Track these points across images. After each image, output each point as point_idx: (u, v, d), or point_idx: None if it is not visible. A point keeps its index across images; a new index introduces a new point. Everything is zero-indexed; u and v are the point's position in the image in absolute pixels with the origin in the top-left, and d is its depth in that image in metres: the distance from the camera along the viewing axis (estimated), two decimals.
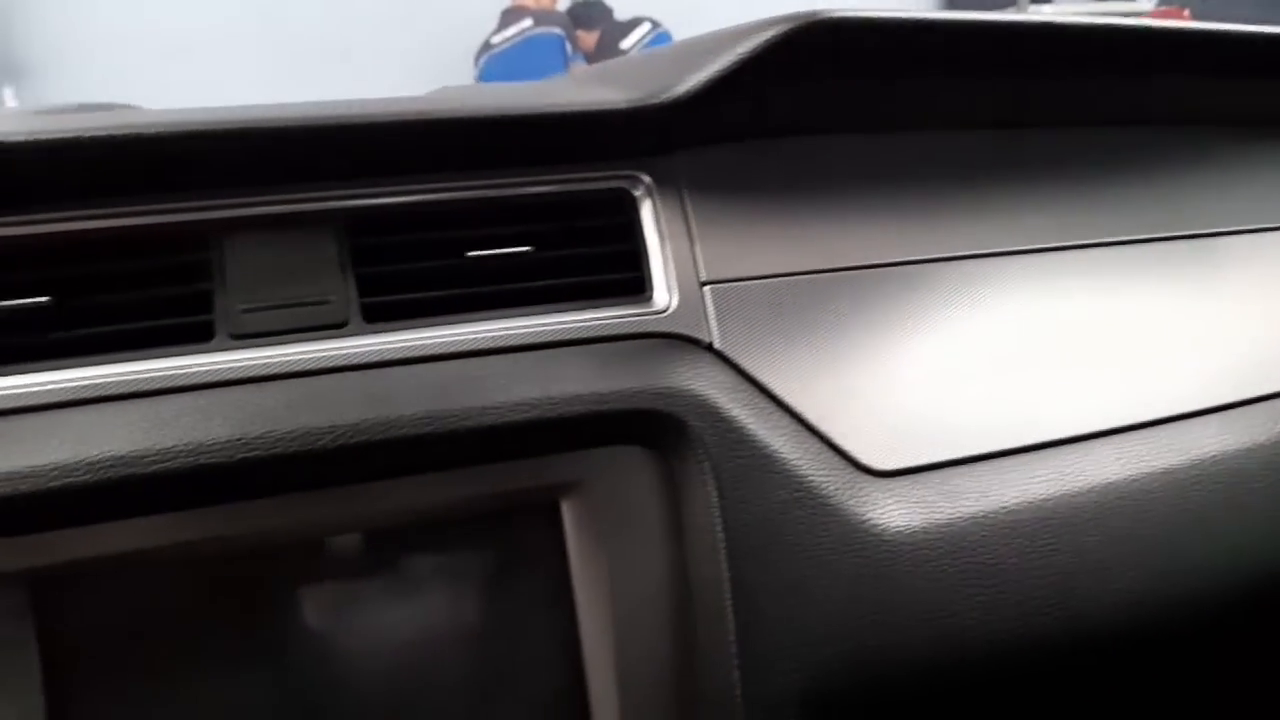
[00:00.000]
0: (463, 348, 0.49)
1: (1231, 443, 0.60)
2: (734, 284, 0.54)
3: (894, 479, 0.53)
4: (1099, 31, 0.58)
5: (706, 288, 0.54)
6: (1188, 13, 3.66)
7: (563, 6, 3.89)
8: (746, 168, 0.57)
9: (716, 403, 0.50)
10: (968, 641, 0.51)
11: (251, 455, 0.44)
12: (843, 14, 0.51)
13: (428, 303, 0.50)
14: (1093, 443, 0.57)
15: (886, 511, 0.51)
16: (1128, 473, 0.56)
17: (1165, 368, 0.62)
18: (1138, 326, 0.63)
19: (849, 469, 0.52)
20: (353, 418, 0.45)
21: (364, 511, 0.47)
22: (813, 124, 0.59)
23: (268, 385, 0.46)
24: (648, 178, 0.54)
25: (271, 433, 0.44)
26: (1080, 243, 0.63)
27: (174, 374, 0.46)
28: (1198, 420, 0.60)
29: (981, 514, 0.53)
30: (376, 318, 0.49)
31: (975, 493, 0.53)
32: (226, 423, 0.44)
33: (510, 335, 0.50)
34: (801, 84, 0.56)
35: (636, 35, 3.84)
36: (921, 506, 0.52)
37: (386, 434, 0.45)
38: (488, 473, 0.48)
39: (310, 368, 0.47)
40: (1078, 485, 0.55)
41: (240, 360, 0.46)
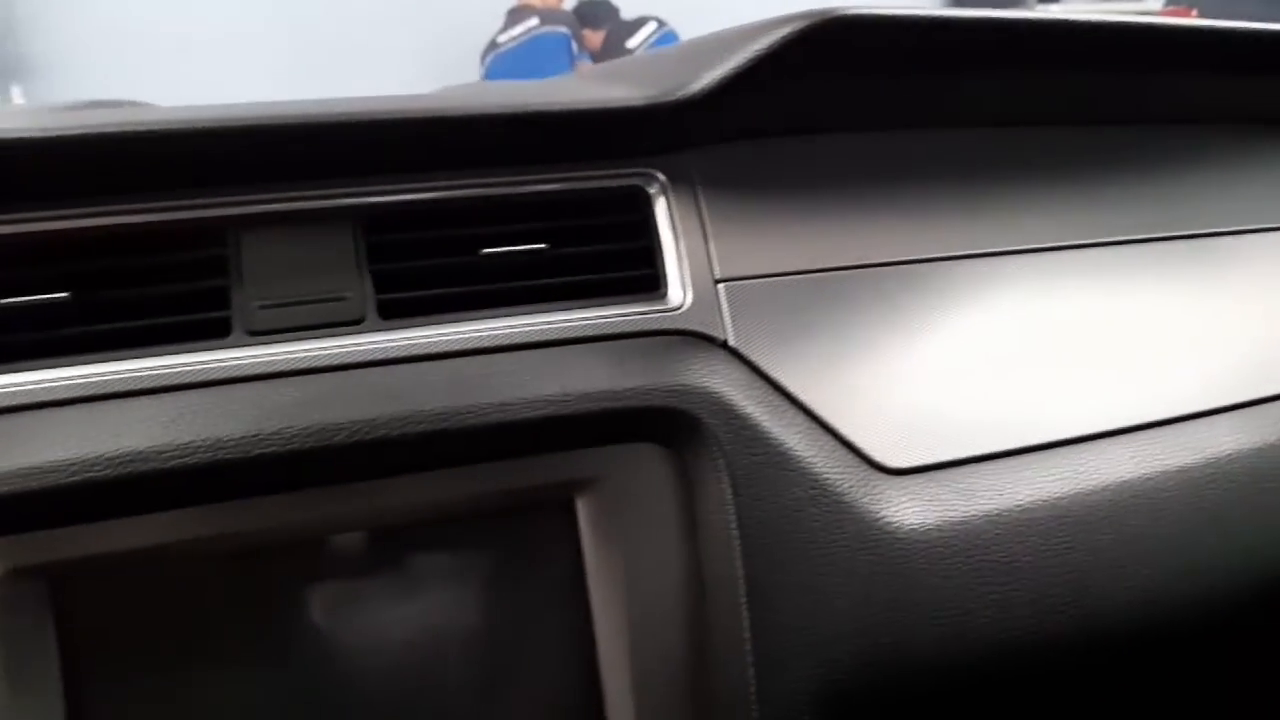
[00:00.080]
0: (478, 344, 0.49)
1: (1246, 442, 0.60)
2: (748, 281, 0.54)
3: (908, 477, 0.53)
4: (1115, 29, 0.58)
5: (721, 285, 0.54)
6: (1195, 12, 3.65)
7: (569, 5, 3.89)
8: (760, 165, 0.57)
9: (731, 400, 0.50)
10: (982, 640, 0.51)
11: (268, 451, 0.44)
12: (858, 11, 0.50)
13: (443, 299, 0.50)
14: (1107, 441, 0.57)
15: (901, 509, 0.51)
16: (1142, 471, 0.56)
17: (1178, 367, 0.62)
18: (1150, 325, 0.62)
19: (863, 467, 0.52)
20: (369, 414, 0.45)
21: (379, 508, 0.47)
22: (826, 122, 0.59)
23: (284, 381, 0.46)
24: (662, 175, 0.54)
25: (288, 428, 0.44)
26: (1093, 241, 0.63)
27: (191, 370, 0.46)
28: (1211, 419, 0.60)
29: (996, 512, 0.53)
30: (392, 314, 0.49)
31: (989, 491, 0.53)
32: (243, 419, 0.44)
33: (525, 332, 0.50)
34: (816, 81, 0.56)
35: (643, 34, 3.84)
36: (936, 504, 0.52)
37: (402, 430, 0.45)
38: (503, 469, 0.48)
39: (326, 364, 0.47)
40: (1092, 484, 0.55)
41: (257, 356, 0.47)
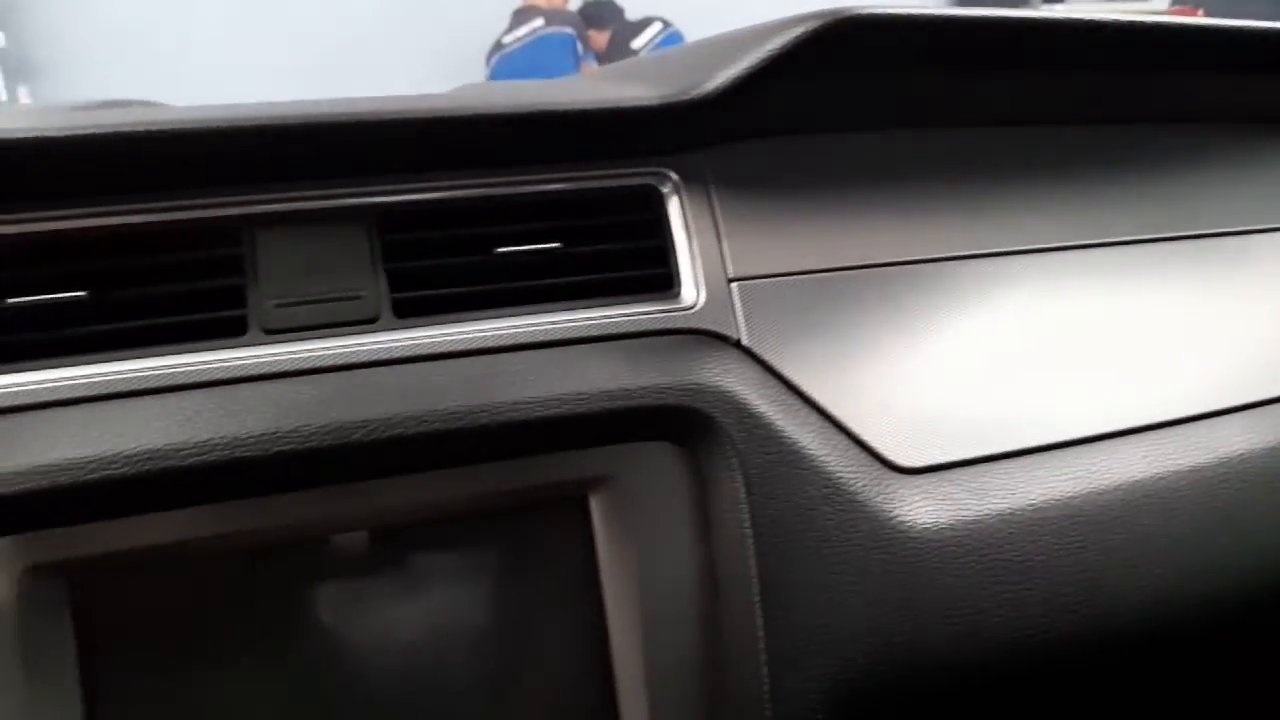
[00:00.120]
0: (493, 343, 0.49)
1: (1257, 441, 0.60)
2: (761, 280, 0.54)
3: (921, 476, 0.53)
4: (1124, 28, 0.58)
5: (734, 284, 0.54)
6: (1201, 11, 3.64)
7: (574, 6, 3.89)
8: (773, 165, 0.57)
9: (744, 399, 0.50)
10: (995, 639, 0.51)
11: (285, 449, 0.44)
12: (871, 11, 0.50)
13: (458, 298, 0.50)
14: (1119, 441, 0.57)
15: (914, 508, 0.51)
16: (1155, 471, 0.56)
17: (1188, 366, 0.62)
18: (1161, 325, 0.62)
19: (876, 466, 0.52)
20: (385, 412, 0.45)
21: (394, 506, 0.47)
22: (839, 121, 0.59)
23: (300, 380, 0.46)
24: (675, 174, 0.55)
25: (305, 426, 0.44)
26: (1103, 241, 0.63)
27: (208, 368, 0.46)
28: (1223, 419, 0.60)
29: (1008, 511, 0.53)
30: (407, 313, 0.49)
31: (1002, 490, 0.53)
32: (260, 417, 0.44)
33: (539, 331, 0.50)
34: (828, 81, 0.56)
35: (648, 35, 3.84)
36: (949, 504, 0.52)
37: (419, 428, 0.45)
38: (517, 467, 0.48)
39: (342, 362, 0.47)
40: (1105, 483, 0.55)
41: (273, 355, 0.47)
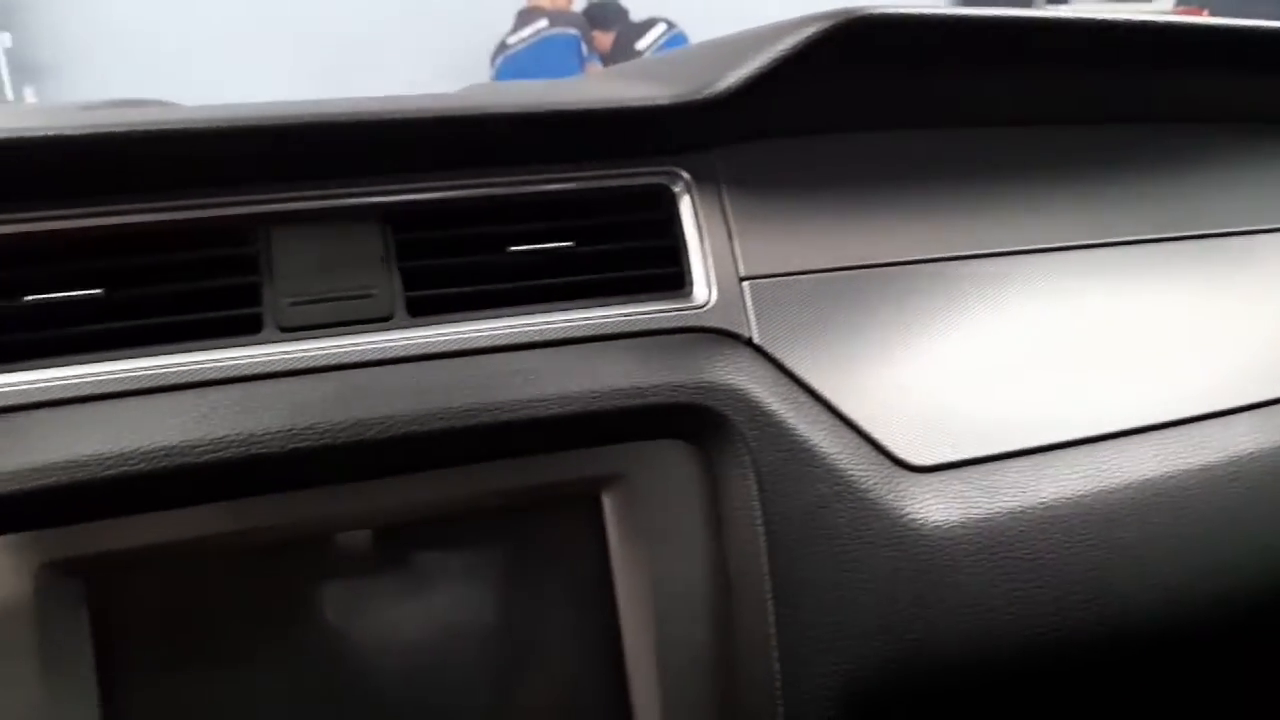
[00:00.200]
0: (506, 341, 0.50)
1: (1266, 441, 0.60)
2: (772, 279, 0.54)
3: (932, 474, 0.53)
4: (1133, 28, 0.58)
5: (745, 283, 0.54)
6: (1206, 12, 3.64)
7: (578, 7, 3.90)
8: (784, 164, 0.57)
9: (756, 397, 0.50)
10: (1006, 636, 0.52)
11: (301, 446, 0.44)
12: (883, 11, 0.51)
13: (471, 297, 0.50)
14: (1129, 439, 0.57)
15: (925, 506, 0.52)
16: (1165, 470, 0.56)
17: (1198, 366, 0.62)
18: (1172, 324, 0.62)
19: (887, 464, 0.52)
20: (400, 410, 0.45)
21: (409, 503, 0.48)
22: (850, 121, 0.59)
23: (316, 377, 0.47)
24: (686, 174, 0.55)
25: (320, 424, 0.44)
26: (1113, 240, 0.63)
27: (223, 366, 0.46)
28: (1232, 418, 0.60)
29: (1019, 509, 0.53)
30: (421, 311, 0.50)
31: (1013, 488, 0.53)
32: (276, 414, 0.44)
33: (552, 329, 0.50)
34: (839, 81, 0.56)
35: (652, 36, 3.85)
36: (959, 501, 0.52)
37: (433, 426, 0.45)
38: (530, 465, 0.48)
39: (357, 360, 0.48)
40: (1115, 482, 0.55)
41: (288, 352, 0.47)
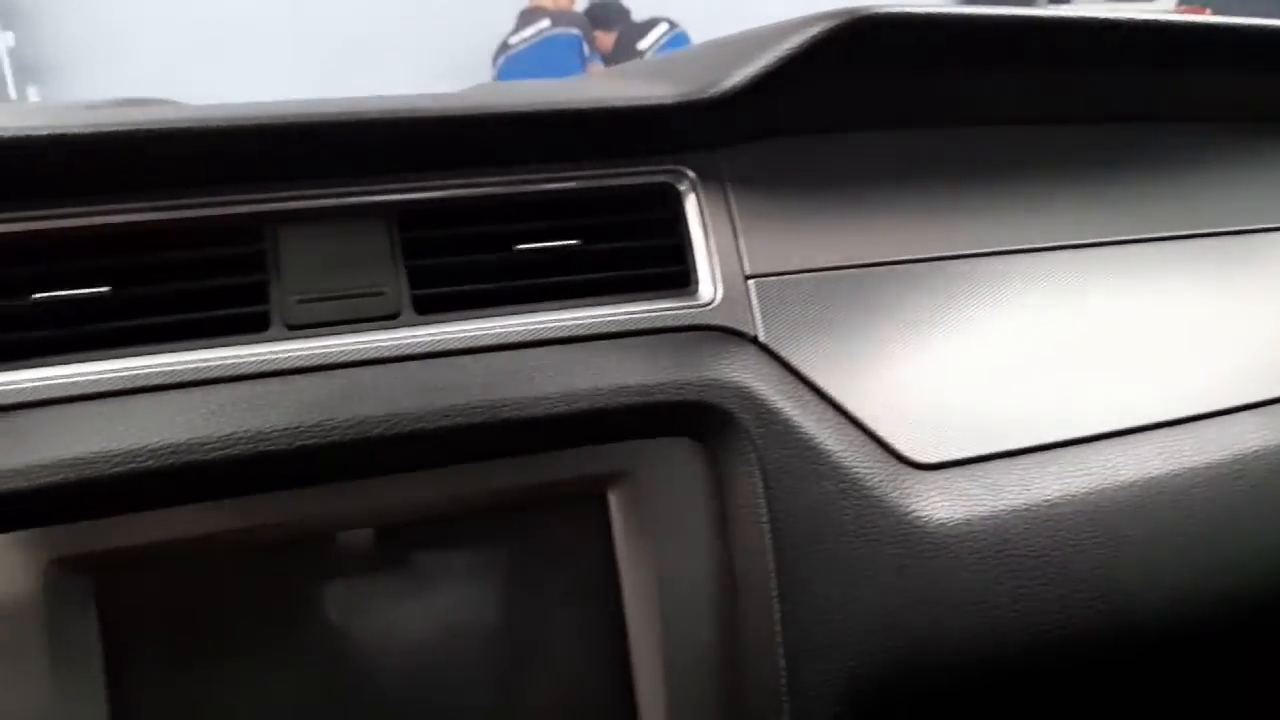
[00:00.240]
0: (512, 339, 0.50)
1: (1271, 439, 0.60)
2: (778, 278, 0.55)
3: (937, 472, 0.53)
4: (1140, 27, 0.58)
5: (751, 281, 0.54)
6: (1209, 11, 3.64)
7: (580, 7, 3.90)
8: (789, 163, 0.58)
9: (762, 395, 0.50)
10: (1011, 634, 0.52)
11: (308, 443, 0.44)
12: (889, 10, 0.51)
13: (478, 295, 0.50)
14: (1134, 438, 0.57)
15: (930, 504, 0.52)
16: (1169, 468, 0.56)
17: (1202, 364, 0.62)
18: (1176, 322, 0.63)
19: (892, 462, 0.52)
20: (407, 407, 0.46)
21: (415, 501, 0.48)
22: (854, 120, 0.59)
23: (323, 375, 0.47)
24: (692, 172, 0.55)
25: (328, 421, 0.45)
26: (1118, 239, 0.64)
27: (231, 363, 0.46)
28: (1236, 416, 0.60)
29: (1024, 507, 0.53)
30: (428, 309, 0.50)
31: (1017, 486, 0.54)
32: (284, 411, 0.45)
33: (558, 327, 0.50)
34: (844, 80, 0.56)
35: (654, 36, 3.85)
36: (964, 499, 0.53)
37: (440, 423, 0.46)
38: (537, 462, 0.49)
39: (364, 358, 0.48)
40: (1120, 480, 0.55)
41: (296, 350, 0.47)
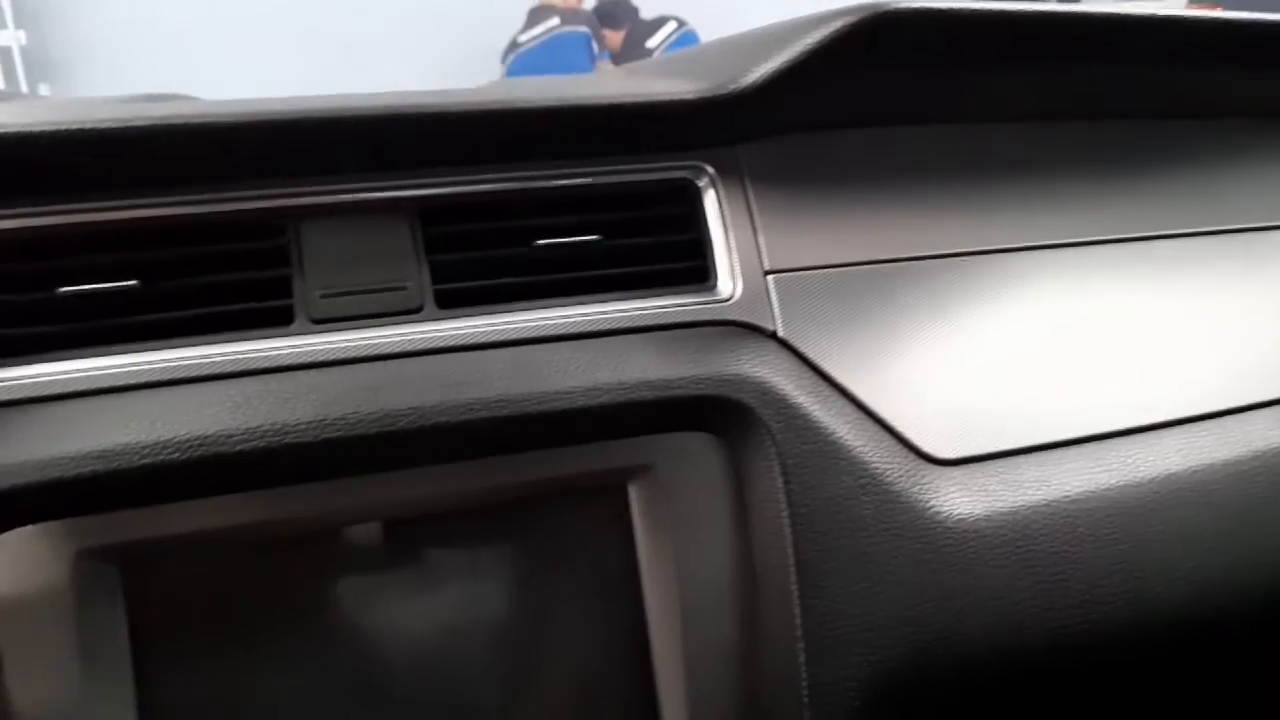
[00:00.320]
0: (534, 334, 0.50)
1: None
2: (797, 273, 0.55)
3: (956, 467, 0.53)
4: (1160, 23, 0.58)
5: (770, 277, 0.54)
6: (1221, 8, 3.62)
7: (589, 5, 3.90)
8: (808, 158, 0.58)
9: (781, 390, 0.51)
10: (1031, 630, 0.52)
11: (333, 436, 0.45)
12: (910, 5, 0.51)
13: (499, 290, 0.51)
14: (1154, 434, 0.57)
15: (950, 499, 0.52)
16: (1190, 464, 0.56)
17: (1223, 360, 0.62)
18: (1196, 318, 0.62)
19: (912, 457, 0.52)
20: (430, 401, 0.46)
21: (438, 494, 0.48)
22: (873, 115, 0.59)
23: (347, 368, 0.47)
24: (711, 168, 0.55)
25: (352, 414, 0.45)
26: (1138, 235, 0.63)
27: (256, 357, 0.47)
28: (1258, 413, 0.60)
29: (1044, 503, 0.53)
30: (450, 304, 0.50)
31: (1037, 482, 0.53)
32: (309, 405, 0.45)
33: (579, 322, 0.51)
34: (863, 75, 0.56)
35: (663, 34, 3.85)
36: (984, 495, 0.53)
37: (462, 417, 0.46)
38: (557, 456, 0.49)
39: (387, 352, 0.48)
40: (1140, 476, 0.55)
41: (320, 344, 0.48)
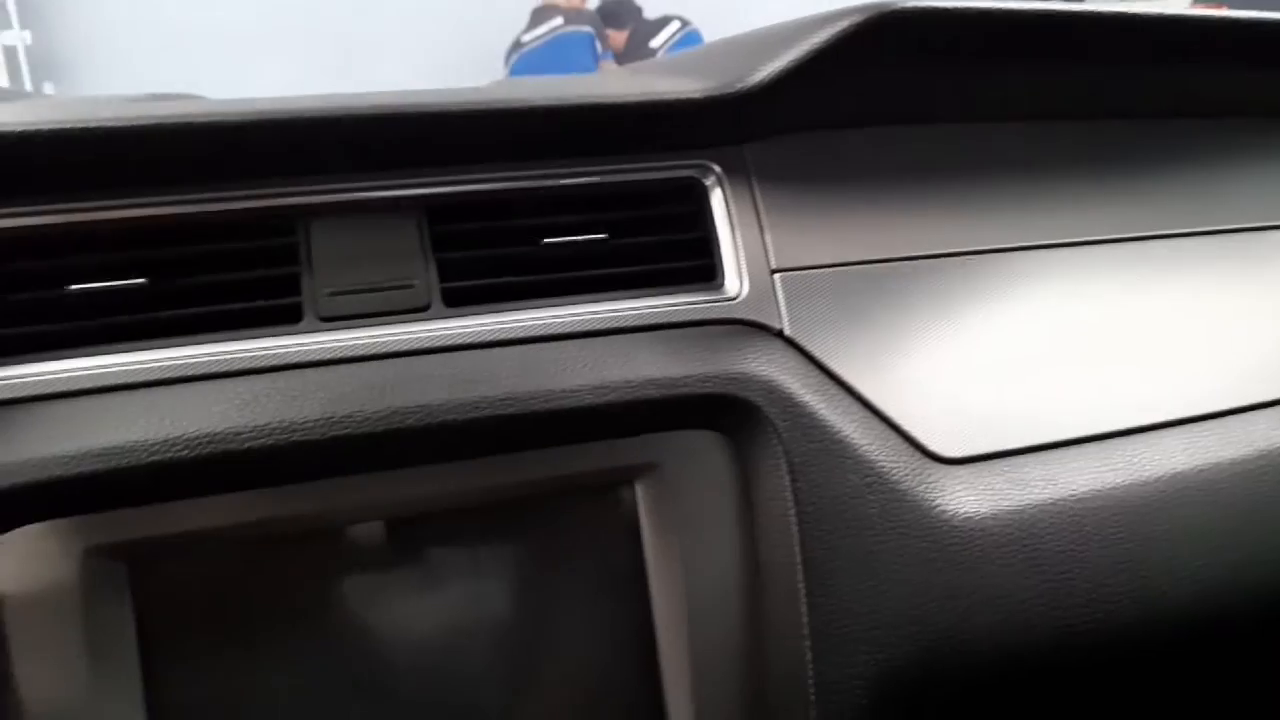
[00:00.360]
0: (541, 332, 0.50)
1: None
2: (803, 272, 0.55)
3: (962, 466, 0.53)
4: (1166, 22, 0.58)
5: (776, 275, 0.54)
6: (1225, 8, 3.62)
7: (592, 5, 3.90)
8: (814, 157, 0.58)
9: (788, 388, 0.51)
10: (1037, 628, 0.52)
11: (341, 434, 0.45)
12: (916, 5, 0.51)
13: (506, 288, 0.51)
14: (1159, 433, 0.57)
15: (956, 498, 0.52)
16: (1195, 463, 0.56)
17: (1227, 360, 0.62)
18: (1201, 318, 0.62)
19: (918, 456, 0.53)
20: (438, 399, 0.46)
21: (445, 491, 0.48)
22: (879, 114, 0.59)
23: (355, 366, 0.47)
24: (717, 167, 0.55)
25: (360, 412, 0.45)
26: (1144, 234, 0.64)
27: (264, 354, 0.47)
28: (1262, 412, 0.60)
29: (1049, 502, 0.53)
30: (457, 302, 0.50)
31: (1043, 480, 0.54)
32: (317, 402, 0.45)
33: (586, 320, 0.51)
34: (869, 75, 0.56)
35: (666, 34, 3.85)
36: (990, 494, 0.53)
37: (470, 415, 0.46)
38: (564, 454, 0.49)
39: (395, 350, 0.48)
40: (1145, 475, 0.55)
41: (328, 342, 0.48)
